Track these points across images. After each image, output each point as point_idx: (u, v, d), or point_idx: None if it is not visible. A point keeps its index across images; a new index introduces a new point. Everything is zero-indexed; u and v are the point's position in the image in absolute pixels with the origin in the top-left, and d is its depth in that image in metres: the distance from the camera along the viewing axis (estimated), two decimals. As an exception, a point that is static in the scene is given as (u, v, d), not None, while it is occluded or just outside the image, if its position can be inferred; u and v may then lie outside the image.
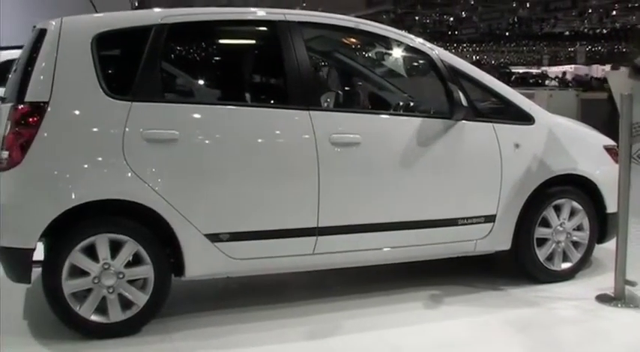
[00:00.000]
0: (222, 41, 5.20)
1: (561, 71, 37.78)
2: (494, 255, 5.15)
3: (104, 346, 4.10)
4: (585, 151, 5.30)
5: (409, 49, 5.11)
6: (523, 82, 27.02)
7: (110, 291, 4.13)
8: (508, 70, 35.35)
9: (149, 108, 4.22)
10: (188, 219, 4.20)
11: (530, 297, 4.94)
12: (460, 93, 4.75)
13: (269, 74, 5.31)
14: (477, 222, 4.92)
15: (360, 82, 6.09)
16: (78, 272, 4.11)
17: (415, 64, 6.12)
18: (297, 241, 4.48)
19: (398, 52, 5.39)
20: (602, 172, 5.26)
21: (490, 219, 4.94)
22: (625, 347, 4.19)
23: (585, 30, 37.20)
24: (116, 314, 4.17)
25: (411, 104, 5.34)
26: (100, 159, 4.11)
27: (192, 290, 5.00)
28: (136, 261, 4.20)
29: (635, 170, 4.76)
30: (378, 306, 4.77)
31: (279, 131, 4.47)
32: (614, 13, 29.13)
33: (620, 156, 4.83)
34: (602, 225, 5.32)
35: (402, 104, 5.35)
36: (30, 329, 4.39)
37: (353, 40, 5.88)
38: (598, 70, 38.55)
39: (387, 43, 5.33)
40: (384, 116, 5.03)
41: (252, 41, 5.32)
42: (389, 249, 4.76)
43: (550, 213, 5.13)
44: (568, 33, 39.28)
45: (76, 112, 4.13)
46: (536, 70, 42.27)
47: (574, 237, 5.24)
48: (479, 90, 5.09)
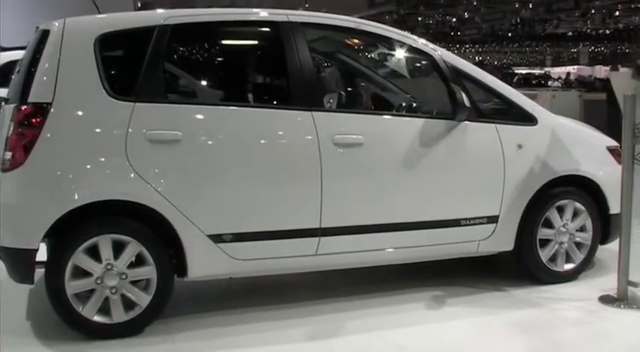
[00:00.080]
0: (225, 42, 5.20)
1: (565, 72, 37.76)
2: (497, 255, 5.15)
3: (107, 346, 4.10)
4: (588, 152, 5.30)
5: (412, 49, 5.11)
6: (526, 83, 27.01)
7: (113, 292, 4.13)
8: (511, 71, 35.35)
9: (152, 108, 4.22)
10: (191, 219, 4.21)
11: (533, 298, 4.94)
12: (463, 94, 4.74)
13: (272, 75, 5.31)
14: (479, 223, 4.91)
15: (363, 83, 6.09)
16: (81, 273, 4.11)
17: (418, 64, 6.12)
18: (300, 242, 4.48)
19: (401, 53, 5.39)
20: (605, 173, 5.26)
21: (493, 219, 4.94)
22: (628, 348, 4.18)
23: (588, 31, 37.19)
24: (119, 315, 4.17)
25: (414, 105, 5.33)
26: (103, 159, 4.11)
27: (195, 291, 5.00)
28: (139, 262, 4.20)
29: (638, 171, 4.75)
30: (380, 307, 4.77)
31: (281, 132, 4.47)
32: (617, 13, 29.11)
33: (623, 157, 4.83)
34: (605, 225, 5.31)
35: (404, 105, 5.35)
36: (33, 330, 4.39)
37: (356, 41, 5.88)
38: (601, 71, 38.50)
39: (389, 43, 5.34)
40: (386, 117, 5.04)
41: (255, 42, 5.33)
42: (391, 249, 4.76)
43: (553, 214, 5.12)
44: (571, 34, 39.26)
45: (79, 113, 4.13)
46: (539, 71, 42.27)
47: (577, 238, 5.23)
48: (481, 91, 5.09)
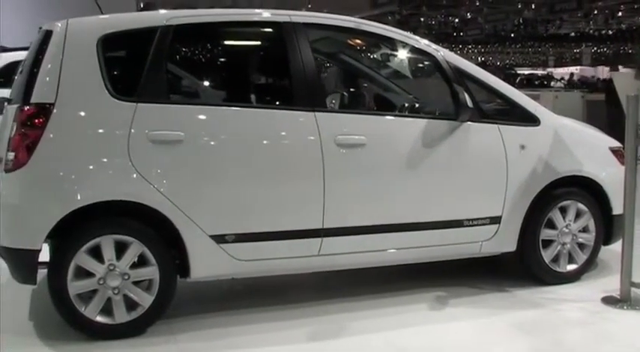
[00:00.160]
0: (227, 42, 5.20)
1: (569, 72, 37.71)
2: (499, 256, 5.14)
3: (109, 347, 4.11)
4: (591, 153, 5.29)
5: (414, 50, 5.11)
6: (528, 84, 26.97)
7: (115, 292, 4.14)
8: (513, 72, 35.29)
9: (155, 109, 4.23)
10: (193, 220, 4.21)
11: (536, 299, 4.93)
12: (465, 95, 4.74)
13: (274, 75, 5.31)
14: (482, 224, 4.91)
15: (366, 84, 6.09)
16: (83, 274, 4.12)
17: (420, 65, 6.11)
18: (303, 242, 4.48)
19: (403, 54, 5.38)
20: (608, 174, 5.25)
21: (495, 220, 4.93)
22: (630, 349, 4.17)
23: (591, 31, 37.15)
24: (121, 315, 4.17)
25: (417, 105, 5.34)
26: (106, 160, 4.11)
27: (198, 291, 5.00)
28: (142, 262, 4.21)
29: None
30: (383, 308, 4.77)
31: (284, 132, 4.47)
32: (619, 14, 29.06)
33: (626, 158, 4.82)
34: (608, 226, 5.30)
35: (407, 105, 5.36)
36: (35, 330, 4.40)
37: (358, 42, 5.88)
38: (604, 72, 38.45)
39: (392, 44, 5.33)
40: (389, 117, 5.03)
41: (258, 42, 5.33)
42: (394, 250, 4.75)
43: (556, 215, 5.12)
44: (574, 34, 39.20)
45: (82, 113, 4.13)
46: (542, 72, 42.21)
47: (580, 239, 5.23)
48: (484, 91, 5.08)
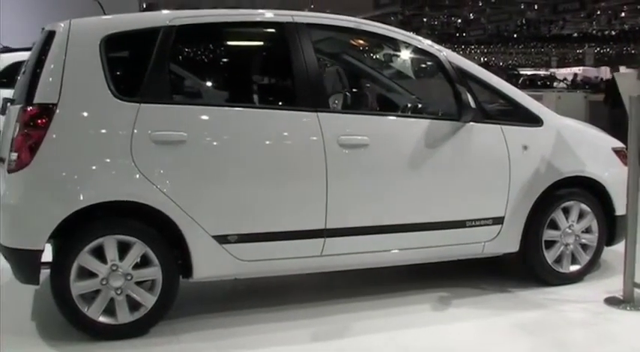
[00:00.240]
0: (230, 43, 5.20)
1: (572, 73, 37.67)
2: (502, 257, 5.14)
3: (112, 347, 4.11)
4: (594, 153, 5.29)
5: (417, 50, 5.10)
6: (531, 84, 26.95)
7: (118, 293, 4.14)
8: (516, 72, 35.25)
9: (157, 109, 4.23)
10: (196, 220, 4.21)
11: (539, 300, 4.93)
12: (468, 95, 4.74)
13: (277, 76, 5.31)
14: (485, 224, 4.91)
15: (369, 84, 6.09)
16: (86, 274, 4.12)
17: (423, 65, 6.12)
18: (305, 243, 4.48)
19: (406, 54, 5.38)
20: (611, 174, 5.24)
21: (498, 221, 4.93)
22: (633, 350, 4.16)
23: (594, 32, 37.09)
24: (124, 316, 4.18)
25: (419, 106, 5.33)
26: (109, 160, 4.11)
27: (200, 291, 5.00)
28: (144, 263, 4.21)
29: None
30: (386, 308, 4.77)
31: (287, 133, 4.47)
32: (622, 14, 29.03)
33: (629, 158, 4.82)
34: (611, 227, 5.30)
35: (410, 106, 5.35)
36: (38, 331, 4.40)
37: (361, 42, 5.88)
38: (607, 72, 38.40)
39: (395, 44, 5.34)
40: (392, 118, 5.04)
41: (260, 43, 5.33)
42: (397, 251, 4.75)
43: (558, 216, 5.11)
44: (576, 35, 39.16)
45: (85, 114, 4.14)
46: (545, 72, 42.18)
47: (582, 240, 5.22)
48: (487, 92, 5.08)
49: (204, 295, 5.01)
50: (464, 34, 35.54)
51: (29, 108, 4.08)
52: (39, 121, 4.04)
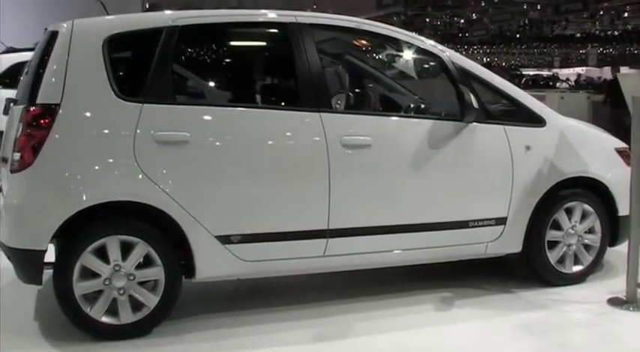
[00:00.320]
0: (233, 43, 5.21)
1: (576, 73, 37.61)
2: (505, 257, 5.13)
3: (115, 347, 4.11)
4: (597, 154, 5.28)
5: (420, 51, 5.10)
6: (534, 84, 26.92)
7: (121, 293, 4.14)
8: (519, 72, 35.22)
9: (160, 110, 4.23)
10: (199, 220, 4.21)
11: (542, 300, 4.92)
12: (471, 96, 4.73)
13: (280, 76, 5.31)
14: (487, 225, 4.90)
15: (371, 84, 6.09)
16: (89, 274, 4.12)
17: (426, 66, 6.12)
18: (308, 243, 4.48)
19: (409, 54, 5.37)
20: (614, 175, 5.24)
21: (501, 221, 4.93)
22: (636, 351, 4.16)
23: (597, 32, 37.06)
24: (127, 316, 4.18)
25: (422, 106, 5.32)
26: (111, 160, 4.12)
27: (203, 292, 5.00)
28: (147, 263, 4.21)
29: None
30: (388, 308, 4.77)
31: (290, 133, 4.47)
32: (625, 14, 29.00)
33: (632, 159, 4.81)
34: (614, 227, 5.29)
35: (412, 106, 5.34)
36: (41, 331, 4.40)
37: (364, 42, 5.88)
38: (608, 73, 38.33)
39: (397, 45, 5.33)
40: (394, 118, 5.03)
41: (263, 43, 5.34)
42: (399, 251, 4.75)
43: (561, 216, 5.11)
44: (579, 35, 39.13)
45: (88, 114, 4.14)
46: (547, 72, 42.14)
47: (585, 240, 5.22)
48: (490, 92, 5.08)
49: (206, 295, 5.01)
50: (466, 34, 35.54)
51: (32, 109, 4.08)
52: (42, 121, 4.04)
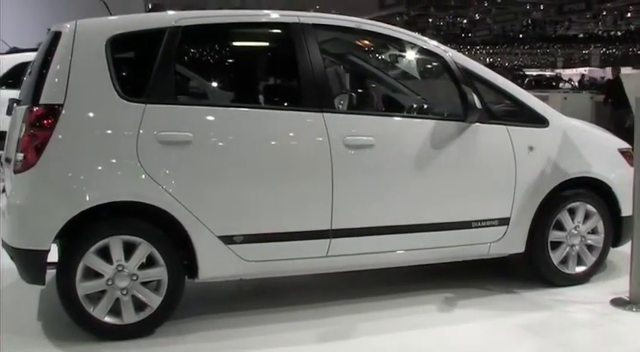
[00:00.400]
0: (235, 43, 5.21)
1: (579, 73, 37.58)
2: (508, 257, 5.13)
3: (118, 347, 4.11)
4: (600, 154, 5.28)
5: (423, 51, 5.10)
6: (537, 85, 26.90)
7: (124, 293, 4.14)
8: (522, 73, 35.21)
9: (163, 110, 4.23)
10: (202, 221, 4.21)
11: (545, 301, 4.92)
12: (474, 96, 4.73)
13: (283, 76, 5.31)
14: (490, 225, 4.90)
15: (374, 84, 6.08)
16: (92, 274, 4.13)
17: (429, 66, 6.11)
18: (311, 243, 4.48)
19: (411, 54, 5.37)
20: (617, 175, 5.23)
21: (504, 221, 4.92)
22: (640, 352, 4.17)
23: (600, 32, 37.06)
24: (130, 316, 4.18)
25: (425, 106, 5.31)
26: (114, 161, 4.12)
27: (206, 292, 5.00)
28: (150, 263, 4.21)
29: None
30: (391, 309, 4.76)
31: (292, 133, 4.47)
32: (628, 15, 29.00)
33: (635, 159, 4.80)
34: (617, 228, 5.28)
35: (415, 106, 5.34)
36: (44, 331, 4.41)
37: (367, 43, 5.88)
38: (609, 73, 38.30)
39: (400, 45, 5.33)
40: (397, 118, 5.02)
41: (266, 43, 5.34)
42: (402, 251, 4.75)
43: (564, 216, 5.10)
44: (582, 35, 39.13)
45: (91, 114, 4.14)
46: (550, 73, 42.13)
47: (588, 241, 5.21)
48: (493, 92, 5.07)
49: (209, 295, 5.01)
50: (469, 34, 35.57)
51: (35, 109, 4.09)
52: (45, 122, 4.05)
